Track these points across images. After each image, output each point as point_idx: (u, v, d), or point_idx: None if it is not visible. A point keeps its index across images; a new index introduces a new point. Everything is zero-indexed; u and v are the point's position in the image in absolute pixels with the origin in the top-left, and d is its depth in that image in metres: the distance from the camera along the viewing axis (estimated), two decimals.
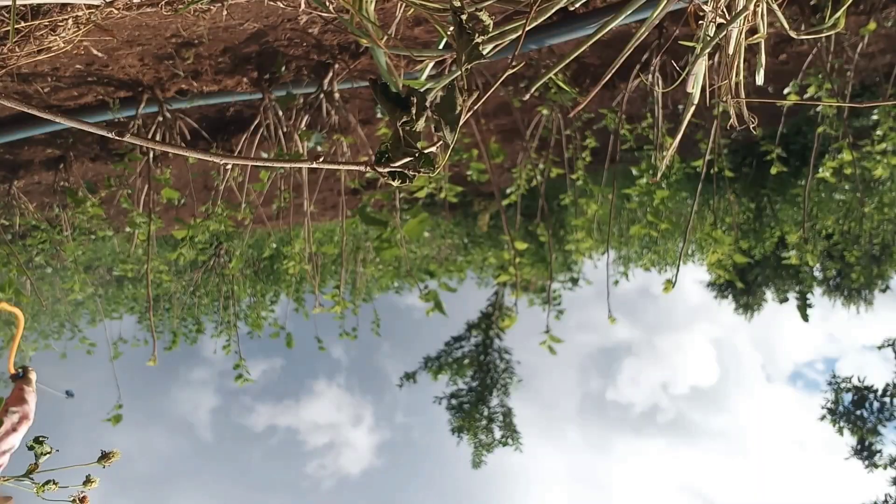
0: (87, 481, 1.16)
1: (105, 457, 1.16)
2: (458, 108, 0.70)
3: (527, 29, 0.80)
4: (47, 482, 1.17)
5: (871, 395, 8.40)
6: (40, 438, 1.17)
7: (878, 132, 4.41)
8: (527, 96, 0.99)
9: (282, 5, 2.20)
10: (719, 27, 1.01)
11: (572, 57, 0.97)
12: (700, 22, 1.06)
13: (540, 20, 0.86)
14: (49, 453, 1.17)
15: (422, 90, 0.75)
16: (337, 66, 3.25)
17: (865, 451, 8.14)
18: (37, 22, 1.78)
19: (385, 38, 0.93)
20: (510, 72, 0.75)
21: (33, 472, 1.17)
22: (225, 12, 2.40)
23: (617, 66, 0.98)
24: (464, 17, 0.71)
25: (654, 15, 0.95)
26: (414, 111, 0.70)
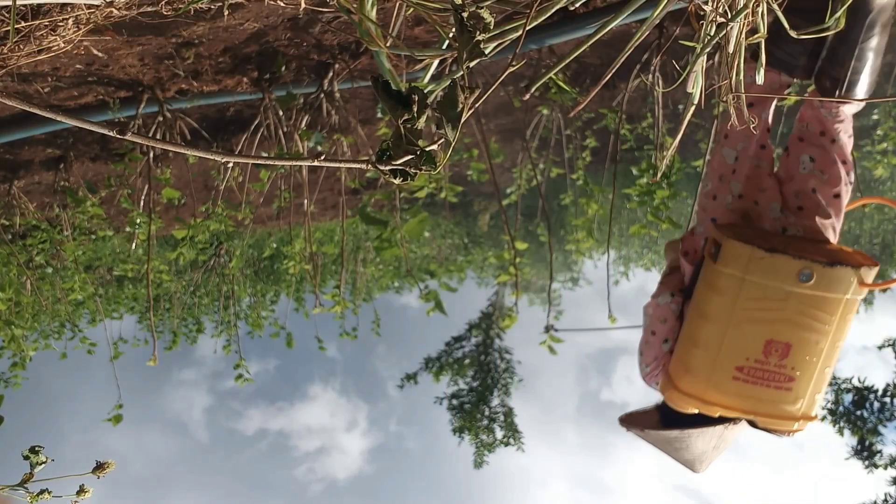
0: (81, 491, 1.16)
1: (100, 467, 1.15)
2: (460, 106, 0.70)
3: (527, 29, 0.80)
4: (42, 491, 1.17)
5: (872, 396, 8.40)
6: (36, 448, 1.17)
7: (879, 132, 4.41)
8: (527, 96, 1.00)
9: (282, 4, 2.20)
10: (719, 27, 1.01)
11: (572, 57, 0.97)
12: (700, 21, 1.06)
13: (540, 20, 0.87)
14: (44, 463, 1.17)
15: (424, 91, 0.75)
16: (337, 65, 3.25)
17: (865, 451, 8.14)
18: (37, 22, 1.78)
19: (386, 38, 0.93)
20: (510, 71, 0.75)
21: (28, 481, 1.17)
22: (226, 12, 2.41)
23: (617, 66, 0.98)
24: (465, 14, 0.71)
25: (654, 15, 0.95)
26: (415, 109, 0.70)
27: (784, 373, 1.89)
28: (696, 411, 1.99)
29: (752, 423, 2.01)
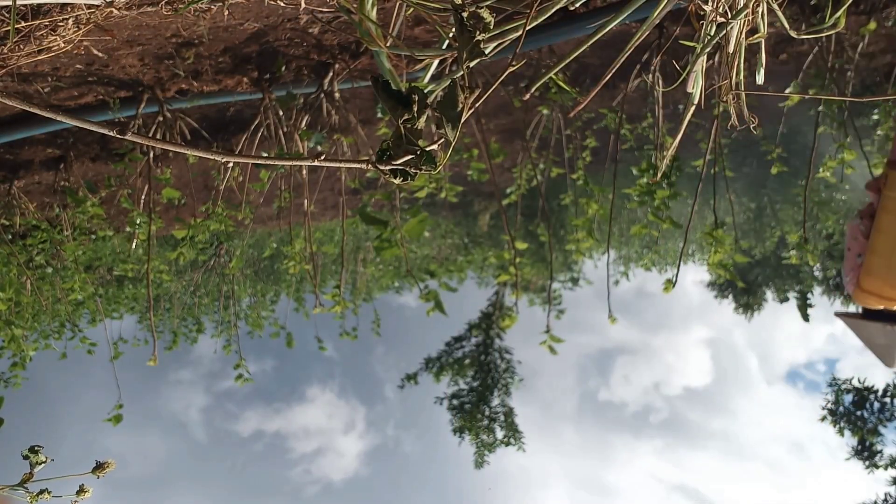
0: (81, 491, 1.16)
1: (99, 467, 1.15)
2: (460, 106, 0.70)
3: (527, 29, 0.80)
4: (41, 491, 1.17)
5: (872, 396, 8.40)
6: (35, 448, 1.17)
7: (879, 132, 4.41)
8: (527, 96, 1.00)
9: (282, 4, 2.20)
10: (720, 27, 1.01)
11: (572, 57, 0.97)
12: (700, 21, 1.06)
13: (540, 20, 0.86)
14: (44, 463, 1.17)
15: (424, 91, 0.75)
16: (337, 65, 3.25)
17: (866, 452, 8.14)
18: (37, 22, 1.78)
19: (386, 38, 0.93)
20: (510, 71, 0.75)
21: (27, 481, 1.17)
22: (226, 12, 2.40)
23: (617, 66, 0.98)
24: (465, 14, 0.71)
25: (655, 15, 0.95)
26: (415, 108, 0.70)
27: None
28: (882, 307, 2.50)
29: None
